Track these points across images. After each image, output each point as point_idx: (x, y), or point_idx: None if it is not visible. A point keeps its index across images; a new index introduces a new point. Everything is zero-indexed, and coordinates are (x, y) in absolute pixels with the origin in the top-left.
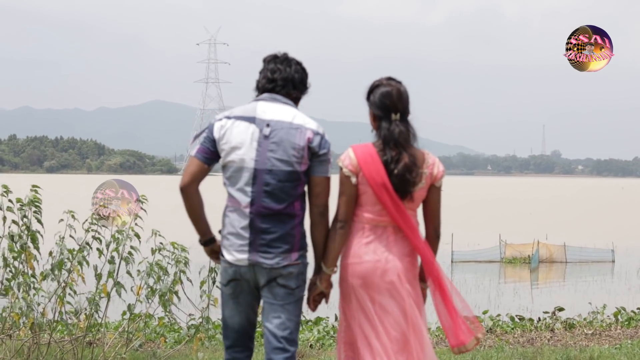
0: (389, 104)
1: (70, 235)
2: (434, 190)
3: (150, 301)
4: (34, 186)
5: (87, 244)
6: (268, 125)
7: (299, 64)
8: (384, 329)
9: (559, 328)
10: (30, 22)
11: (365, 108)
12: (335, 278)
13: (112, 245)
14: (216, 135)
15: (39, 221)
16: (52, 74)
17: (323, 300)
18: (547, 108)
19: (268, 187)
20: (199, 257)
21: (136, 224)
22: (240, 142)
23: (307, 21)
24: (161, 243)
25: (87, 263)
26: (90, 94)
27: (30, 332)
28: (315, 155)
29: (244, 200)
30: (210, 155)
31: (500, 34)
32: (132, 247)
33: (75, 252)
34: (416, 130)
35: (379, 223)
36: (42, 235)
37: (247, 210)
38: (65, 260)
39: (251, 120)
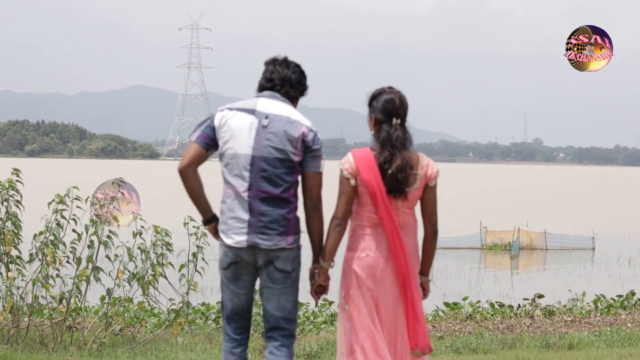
0: (391, 109)
1: (57, 222)
2: (428, 190)
3: (130, 285)
4: (14, 170)
5: (58, 224)
6: (267, 117)
7: (297, 66)
8: (381, 323)
9: (538, 315)
10: (13, 6)
11: (349, 96)
12: (335, 272)
13: (91, 230)
14: (216, 123)
15: (19, 203)
16: (34, 58)
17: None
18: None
19: (265, 173)
20: (180, 241)
21: (116, 209)
22: (239, 131)
23: (290, 8)
24: (142, 227)
25: (65, 245)
26: (72, 78)
27: (9, 315)
28: (309, 150)
29: (242, 185)
30: (209, 141)
31: (485, 22)
32: (110, 232)
33: (49, 232)
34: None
35: (377, 222)
36: (21, 221)
37: (246, 194)
38: (48, 243)
39: (251, 112)
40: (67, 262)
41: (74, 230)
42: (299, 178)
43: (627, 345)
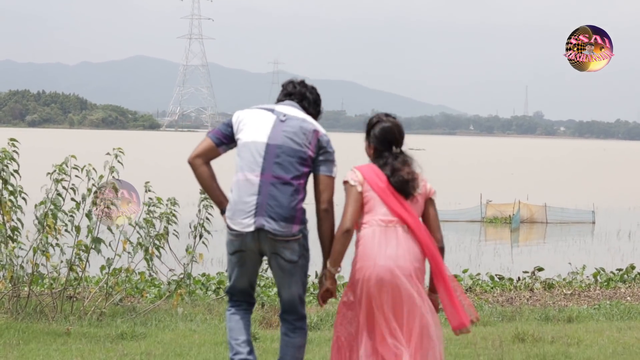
0: (391, 139)
1: (57, 192)
2: (429, 203)
3: (132, 255)
4: (11, 139)
5: (59, 194)
6: (284, 115)
7: (314, 88)
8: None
9: (538, 288)
10: None
11: (350, 68)
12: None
13: (89, 199)
14: (234, 120)
15: (16, 172)
16: (35, 28)
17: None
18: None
19: (278, 159)
20: (182, 213)
21: (114, 178)
22: (257, 123)
23: None
24: (150, 198)
25: (65, 214)
26: (73, 48)
27: (10, 284)
28: (322, 151)
29: (255, 169)
30: (222, 137)
31: None
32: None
33: (49, 202)
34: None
35: (388, 224)
36: (21, 191)
37: (258, 178)
38: (49, 212)
39: (270, 110)
40: (66, 230)
41: (72, 199)
42: (310, 174)
43: (627, 319)
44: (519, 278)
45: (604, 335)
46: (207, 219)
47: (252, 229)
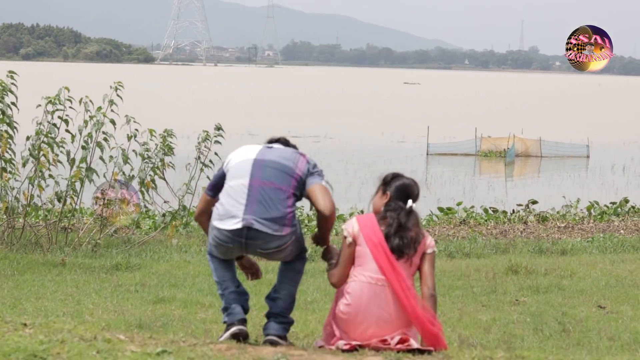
0: (410, 193)
1: (48, 122)
2: (426, 257)
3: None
4: (9, 72)
5: (54, 124)
6: (271, 146)
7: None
8: None
9: (532, 221)
10: None
11: (344, 1)
12: None
13: (85, 131)
14: (225, 166)
15: (14, 105)
16: None
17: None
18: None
19: (267, 168)
20: (178, 146)
21: (112, 111)
22: (244, 152)
23: None
24: (136, 130)
25: (58, 146)
26: None
27: (4, 216)
28: (311, 170)
29: (244, 179)
30: (217, 187)
31: None
32: (104, 134)
33: (42, 133)
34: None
35: (377, 282)
36: (17, 124)
37: (247, 183)
38: (42, 144)
39: (257, 144)
40: (58, 161)
41: (67, 131)
42: (298, 196)
43: (620, 252)
44: (513, 211)
45: (597, 267)
46: (202, 152)
47: (239, 225)
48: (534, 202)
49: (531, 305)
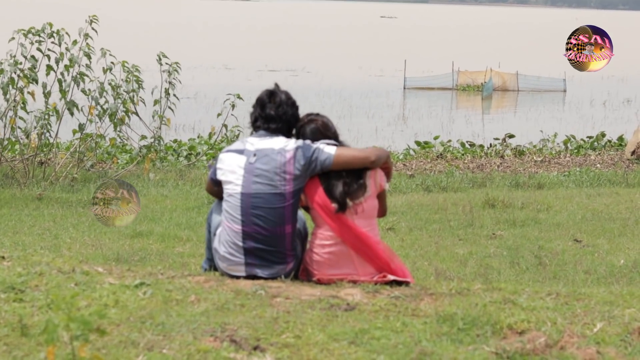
0: (319, 137)
1: (23, 55)
2: (382, 195)
3: (101, 121)
4: None
5: (33, 57)
6: (254, 155)
7: (288, 99)
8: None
9: (508, 155)
10: None
11: None
12: None
13: (62, 64)
14: (217, 174)
15: None
16: None
17: None
18: None
19: (255, 210)
20: (152, 77)
21: (87, 45)
22: (230, 175)
23: None
24: (112, 62)
25: (36, 82)
26: None
27: None
28: (308, 159)
29: (236, 220)
30: (218, 182)
31: None
32: (83, 67)
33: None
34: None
35: (336, 239)
36: None
37: (240, 229)
38: (14, 76)
39: (240, 151)
40: (29, 93)
41: (48, 66)
42: (297, 185)
43: (596, 185)
44: (490, 145)
45: (573, 201)
46: (171, 83)
47: (243, 274)
48: (511, 136)
49: (508, 239)
